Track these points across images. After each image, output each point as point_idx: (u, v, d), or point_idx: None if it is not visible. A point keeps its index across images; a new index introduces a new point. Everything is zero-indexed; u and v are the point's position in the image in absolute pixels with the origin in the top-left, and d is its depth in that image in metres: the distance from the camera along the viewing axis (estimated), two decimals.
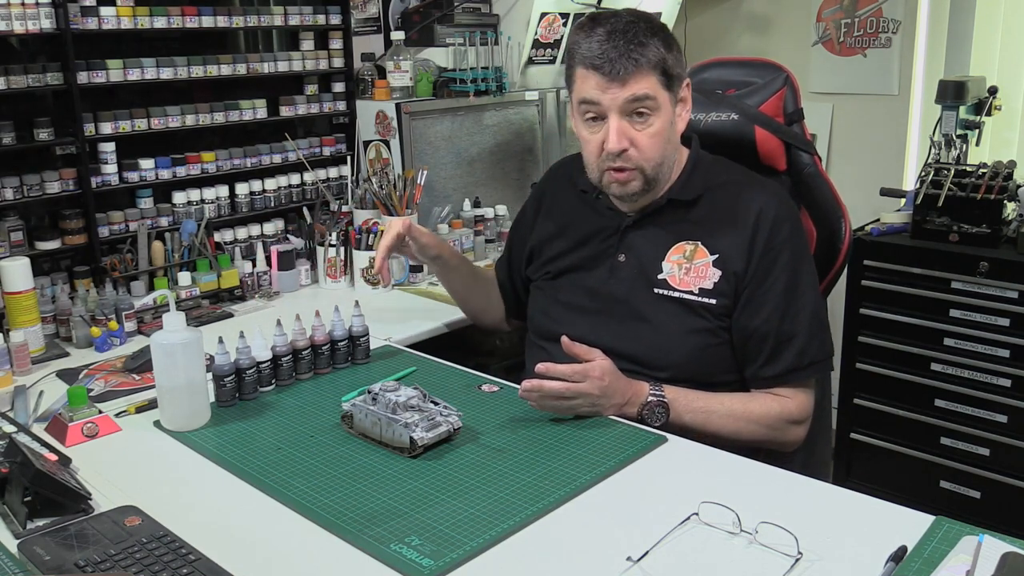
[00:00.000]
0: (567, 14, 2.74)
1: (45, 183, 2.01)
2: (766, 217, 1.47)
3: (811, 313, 1.47)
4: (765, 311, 1.45)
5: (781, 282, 1.46)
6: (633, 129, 1.43)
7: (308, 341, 1.60)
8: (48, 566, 1.02)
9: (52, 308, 1.87)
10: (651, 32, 1.42)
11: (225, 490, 1.24)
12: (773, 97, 1.75)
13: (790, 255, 1.47)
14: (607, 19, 1.44)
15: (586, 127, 1.47)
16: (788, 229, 1.48)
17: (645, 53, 1.40)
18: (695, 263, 1.49)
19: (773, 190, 1.56)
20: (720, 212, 1.51)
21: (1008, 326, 2.16)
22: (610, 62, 1.39)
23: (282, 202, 2.44)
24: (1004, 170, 2.26)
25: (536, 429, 1.37)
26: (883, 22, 2.93)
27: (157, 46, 2.23)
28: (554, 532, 1.11)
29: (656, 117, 1.43)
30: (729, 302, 1.47)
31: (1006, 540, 1.01)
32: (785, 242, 1.47)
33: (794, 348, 1.46)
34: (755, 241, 1.46)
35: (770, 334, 1.45)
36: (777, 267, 1.46)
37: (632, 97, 1.40)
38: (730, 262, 1.47)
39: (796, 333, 1.46)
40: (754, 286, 1.46)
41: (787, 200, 1.56)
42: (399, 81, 2.49)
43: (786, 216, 1.50)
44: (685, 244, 1.50)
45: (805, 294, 1.48)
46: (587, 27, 1.44)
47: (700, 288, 1.47)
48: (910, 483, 2.36)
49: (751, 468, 1.27)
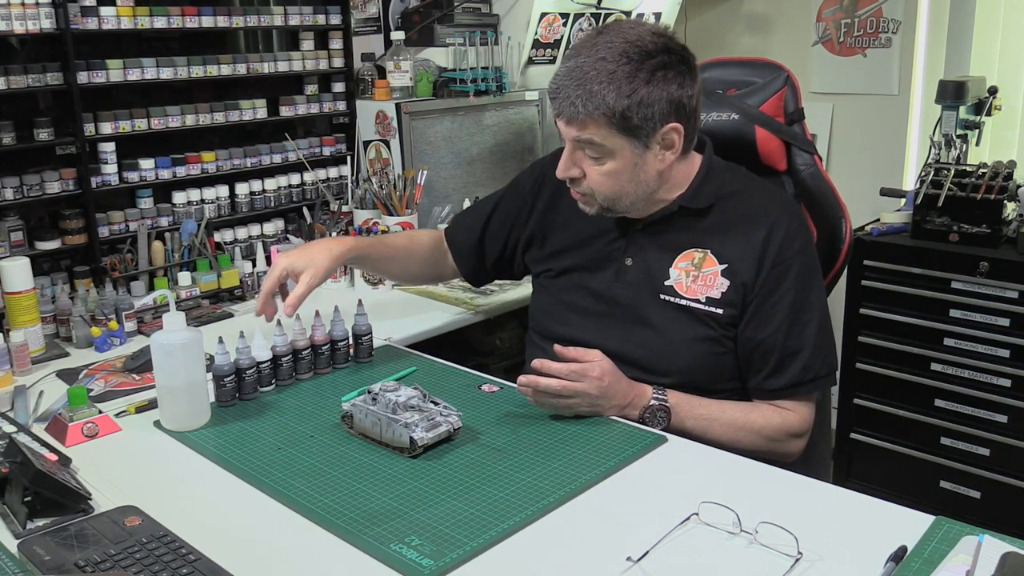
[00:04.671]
0: (567, 14, 2.74)
1: (45, 183, 2.01)
2: (778, 229, 1.45)
3: (818, 327, 1.46)
4: (772, 324, 1.44)
5: (789, 296, 1.44)
6: (587, 162, 1.42)
7: (308, 341, 1.60)
8: (48, 566, 1.03)
9: (52, 308, 1.87)
10: (611, 80, 1.34)
11: (225, 490, 1.24)
12: (774, 97, 1.75)
13: (800, 268, 1.45)
14: (587, 47, 1.38)
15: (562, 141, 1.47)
16: (800, 243, 1.47)
17: (592, 101, 1.35)
18: (703, 271, 1.47)
19: (786, 202, 1.54)
20: (731, 221, 1.49)
21: (1008, 326, 2.16)
22: (559, 101, 1.38)
23: (282, 202, 2.44)
24: (1004, 170, 2.26)
25: (536, 429, 1.37)
26: (883, 22, 2.93)
27: (157, 46, 2.23)
28: (554, 532, 1.11)
29: (609, 159, 1.40)
30: (736, 312, 1.45)
31: (1006, 540, 1.01)
32: (796, 256, 1.45)
33: (799, 362, 1.44)
34: (766, 253, 1.44)
35: (776, 347, 1.44)
36: (787, 280, 1.44)
37: (578, 139, 1.40)
38: (739, 272, 1.45)
39: (802, 347, 1.44)
40: (762, 298, 1.45)
41: (799, 213, 1.54)
42: (399, 81, 2.49)
43: (798, 229, 1.48)
44: (694, 252, 1.49)
45: (813, 308, 1.46)
46: (574, 48, 1.42)
47: (707, 297, 1.46)
48: (910, 483, 2.36)
49: (751, 468, 1.27)
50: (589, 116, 1.36)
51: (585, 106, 1.36)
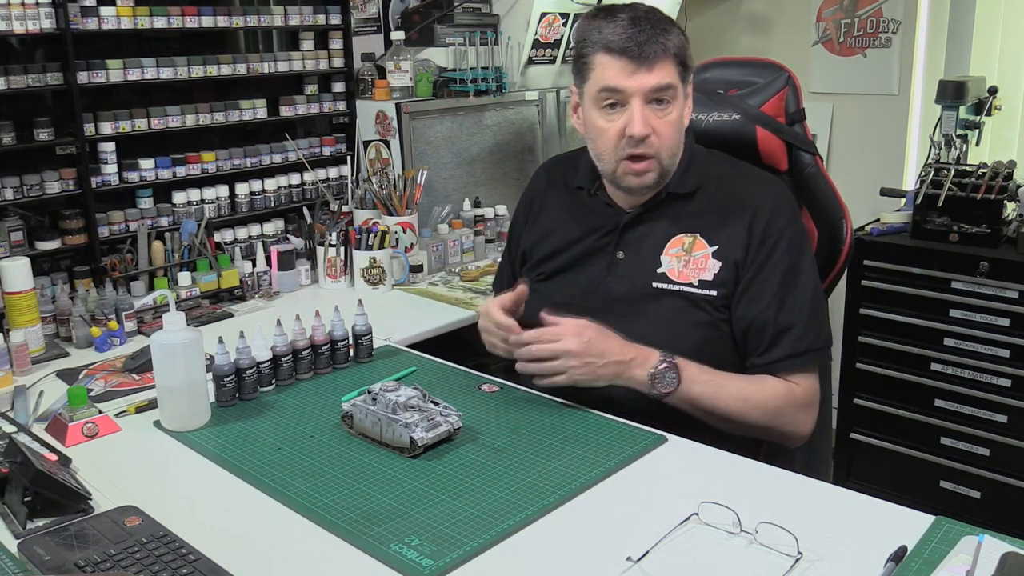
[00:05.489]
0: (567, 14, 2.74)
1: (45, 183, 2.01)
2: (763, 206, 1.47)
3: (810, 301, 1.47)
4: (764, 299, 1.45)
5: (779, 270, 1.45)
6: (654, 117, 1.43)
7: (308, 341, 1.60)
8: (48, 566, 1.03)
9: (52, 308, 1.87)
10: (670, 21, 1.43)
11: (225, 490, 1.24)
12: (775, 97, 1.75)
13: (788, 243, 1.46)
14: (625, 8, 1.44)
15: (603, 115, 1.45)
16: (785, 218, 1.48)
17: (670, 39, 1.41)
18: (694, 255, 1.48)
19: (770, 181, 1.55)
20: (718, 203, 1.50)
21: (1008, 326, 2.16)
22: (639, 46, 1.38)
23: (282, 202, 2.44)
24: (1004, 170, 2.26)
25: (536, 429, 1.37)
26: (883, 22, 2.93)
27: (157, 46, 2.23)
28: (554, 532, 1.11)
29: (674, 107, 1.44)
30: (729, 292, 1.46)
31: (1006, 540, 1.01)
32: (783, 230, 1.46)
33: (792, 336, 1.45)
34: (753, 230, 1.46)
35: (769, 322, 1.45)
36: (775, 255, 1.45)
37: (658, 86, 1.41)
38: (730, 252, 1.46)
39: (794, 322, 1.45)
40: (752, 274, 1.45)
41: (784, 191, 1.55)
42: (399, 81, 2.49)
43: (783, 205, 1.49)
44: (684, 236, 1.50)
45: (803, 283, 1.47)
46: (604, 14, 1.44)
47: (700, 280, 1.46)
48: (910, 483, 2.36)
49: (751, 468, 1.27)
50: (668, 55, 1.40)
51: (667, 43, 1.40)
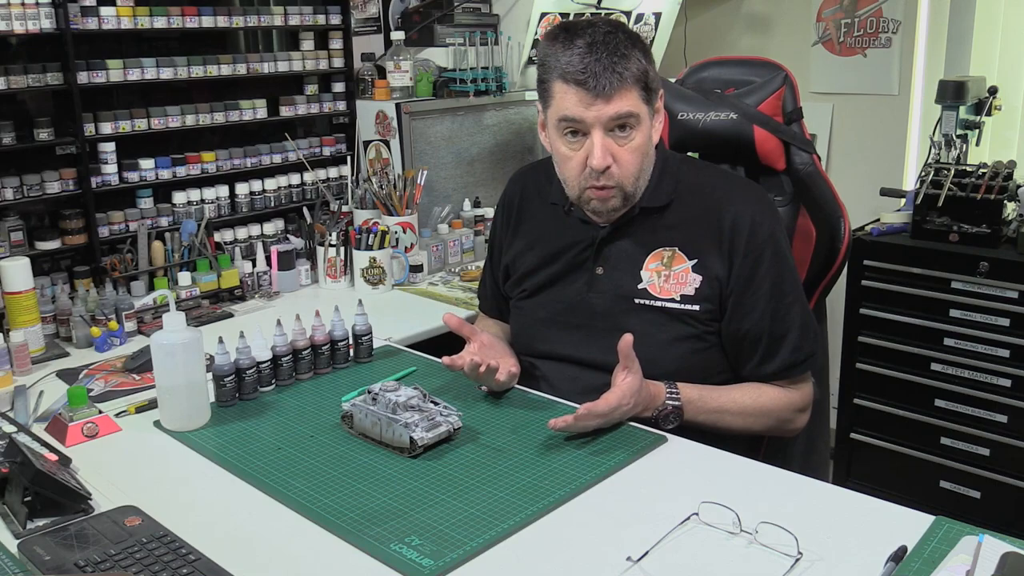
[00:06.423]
0: (567, 14, 2.74)
1: (45, 183, 2.01)
2: (743, 220, 1.44)
3: (799, 308, 1.47)
4: (755, 314, 1.44)
5: (767, 283, 1.44)
6: (615, 144, 1.39)
7: (308, 341, 1.60)
8: (48, 566, 1.03)
9: (52, 308, 1.87)
10: (631, 43, 1.36)
11: (225, 490, 1.24)
12: (772, 96, 1.75)
13: (772, 253, 1.45)
14: (584, 30, 1.37)
15: (565, 143, 1.42)
16: (768, 228, 1.46)
17: (628, 67, 1.34)
18: (674, 269, 1.46)
19: (747, 187, 1.54)
20: (694, 216, 1.47)
21: (1008, 326, 2.16)
22: (594, 76, 1.33)
23: (282, 202, 2.44)
24: (1004, 170, 2.26)
25: (536, 429, 1.37)
26: (883, 22, 2.93)
27: (157, 46, 2.23)
28: (554, 532, 1.11)
29: (637, 132, 1.39)
30: (714, 307, 1.45)
31: (1006, 540, 1.01)
32: (765, 242, 1.45)
33: (788, 345, 1.45)
34: (735, 246, 1.44)
35: (763, 335, 1.45)
36: (761, 269, 1.44)
37: (616, 115, 1.35)
38: (710, 267, 1.45)
39: (788, 330, 1.45)
40: (741, 290, 1.44)
41: (764, 199, 1.53)
42: (399, 81, 2.49)
43: (764, 215, 1.47)
44: (662, 251, 1.47)
45: (791, 291, 1.47)
46: (563, 39, 1.38)
47: (682, 295, 1.45)
48: (910, 483, 2.36)
49: (751, 468, 1.27)
50: (626, 83, 1.35)
51: (624, 72, 1.34)
